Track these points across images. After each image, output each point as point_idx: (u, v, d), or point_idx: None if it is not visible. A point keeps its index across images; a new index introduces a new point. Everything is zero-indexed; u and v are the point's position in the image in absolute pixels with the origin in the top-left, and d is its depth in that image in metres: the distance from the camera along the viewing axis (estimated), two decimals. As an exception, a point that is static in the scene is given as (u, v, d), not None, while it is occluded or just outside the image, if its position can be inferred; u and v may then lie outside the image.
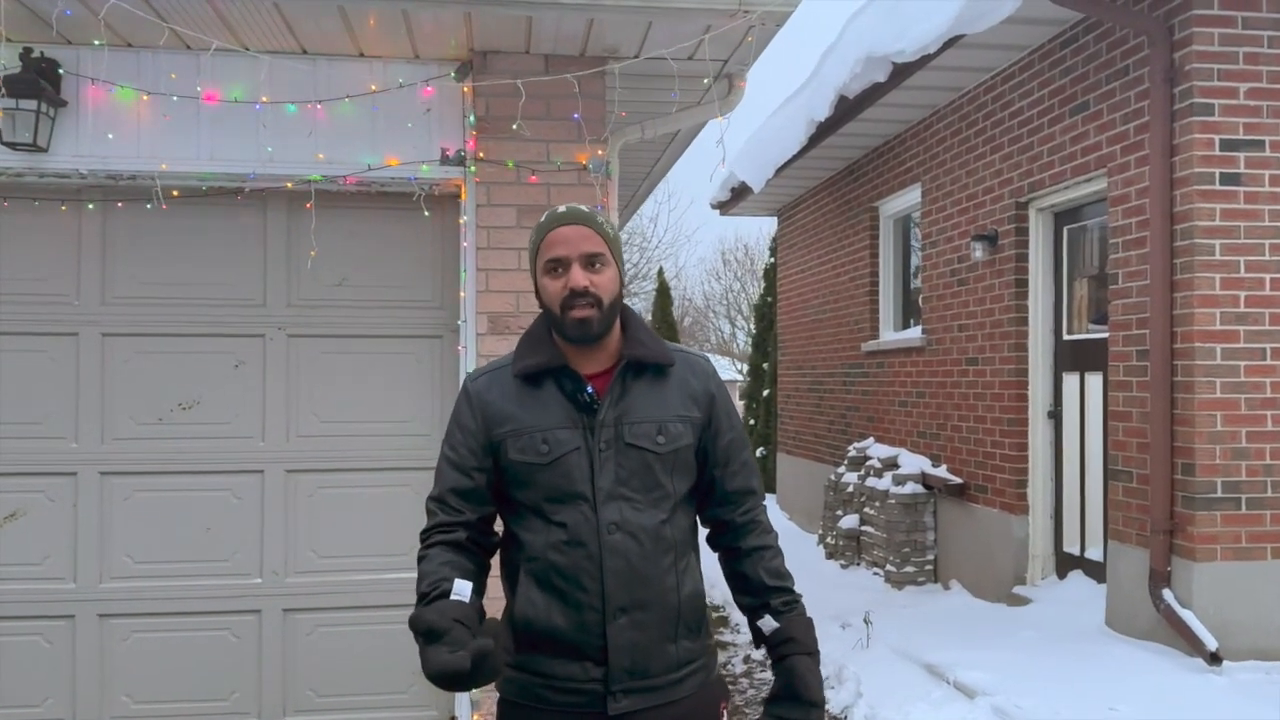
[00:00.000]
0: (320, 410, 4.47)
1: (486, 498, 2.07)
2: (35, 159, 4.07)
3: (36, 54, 4.00)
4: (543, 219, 2.07)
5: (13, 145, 3.96)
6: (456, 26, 4.00)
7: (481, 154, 4.23)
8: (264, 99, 4.18)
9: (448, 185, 4.36)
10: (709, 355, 2.27)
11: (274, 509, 4.45)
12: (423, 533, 2.07)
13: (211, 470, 4.43)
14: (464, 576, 1.96)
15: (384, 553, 4.46)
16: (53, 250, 4.32)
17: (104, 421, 4.36)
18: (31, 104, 3.91)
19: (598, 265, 2.01)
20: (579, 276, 1.98)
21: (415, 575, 2.01)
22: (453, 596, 1.91)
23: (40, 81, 3.92)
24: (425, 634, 1.79)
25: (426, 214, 4.41)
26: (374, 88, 4.24)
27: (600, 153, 4.18)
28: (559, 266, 2.00)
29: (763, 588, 2.08)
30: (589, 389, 2.03)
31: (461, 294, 4.33)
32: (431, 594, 1.92)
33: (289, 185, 4.27)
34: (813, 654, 2.04)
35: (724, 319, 30.66)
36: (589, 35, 4.05)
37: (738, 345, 27.76)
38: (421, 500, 4.53)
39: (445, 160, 4.29)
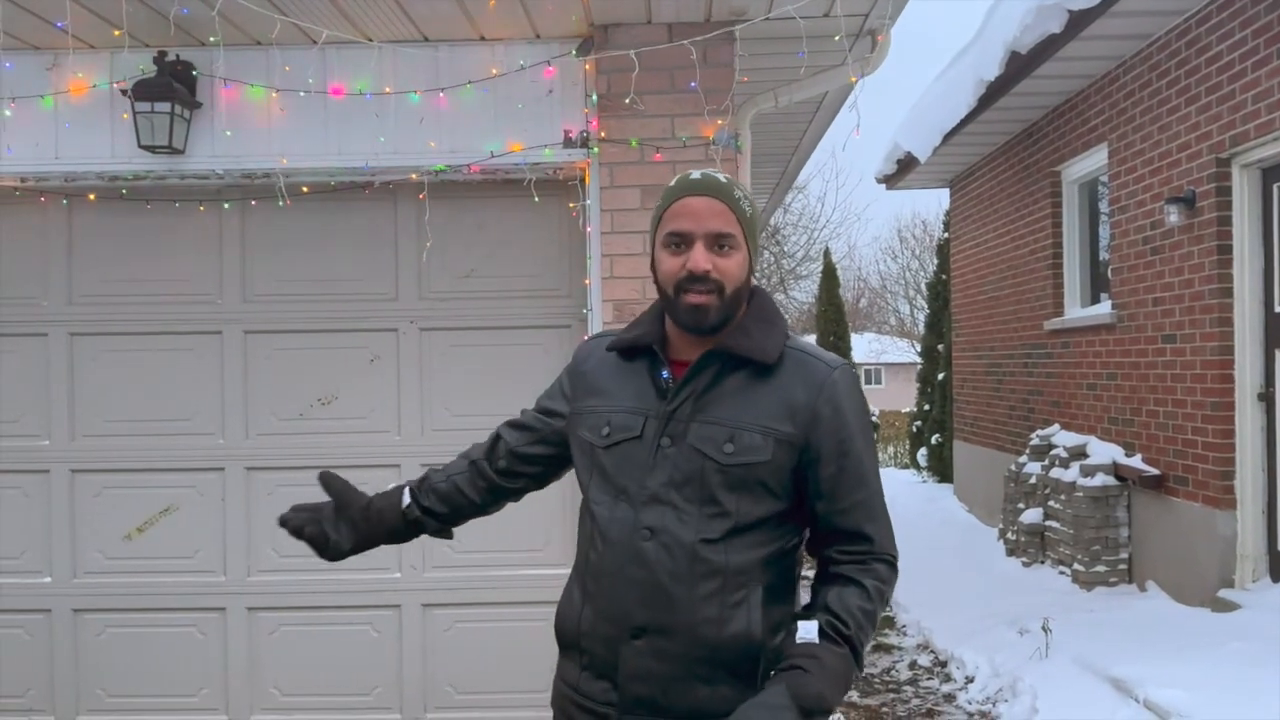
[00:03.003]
0: (452, 404, 4.40)
1: (532, 443, 2.01)
2: (174, 161, 4.15)
3: (172, 58, 4.07)
4: (672, 183, 1.82)
5: (151, 148, 4.04)
6: (573, 0, 3.80)
7: (604, 133, 4.03)
8: (387, 89, 4.12)
9: (572, 169, 4.18)
10: (846, 362, 1.92)
11: (411, 504, 4.40)
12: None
13: (350, 465, 4.37)
14: (444, 484, 2.05)
15: (521, 548, 4.33)
16: (195, 250, 4.42)
17: (248, 417, 4.43)
18: (165, 107, 3.97)
19: (725, 247, 1.75)
20: (701, 258, 1.72)
21: (553, 573, 1.97)
22: (400, 492, 2.09)
23: (173, 84, 3.98)
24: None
25: (537, 199, 4.25)
26: (495, 71, 4.11)
27: (720, 123, 3.89)
28: (681, 242, 1.75)
29: (824, 607, 1.71)
30: (664, 373, 1.80)
31: (586, 281, 4.15)
32: (400, 486, 2.10)
33: (414, 176, 4.19)
34: (823, 696, 1.60)
35: (902, 299, 29.62)
36: (713, -2, 3.78)
37: (918, 328, 26.75)
38: (558, 495, 4.40)
39: (568, 143, 4.11)
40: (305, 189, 4.28)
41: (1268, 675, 4.29)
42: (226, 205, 4.37)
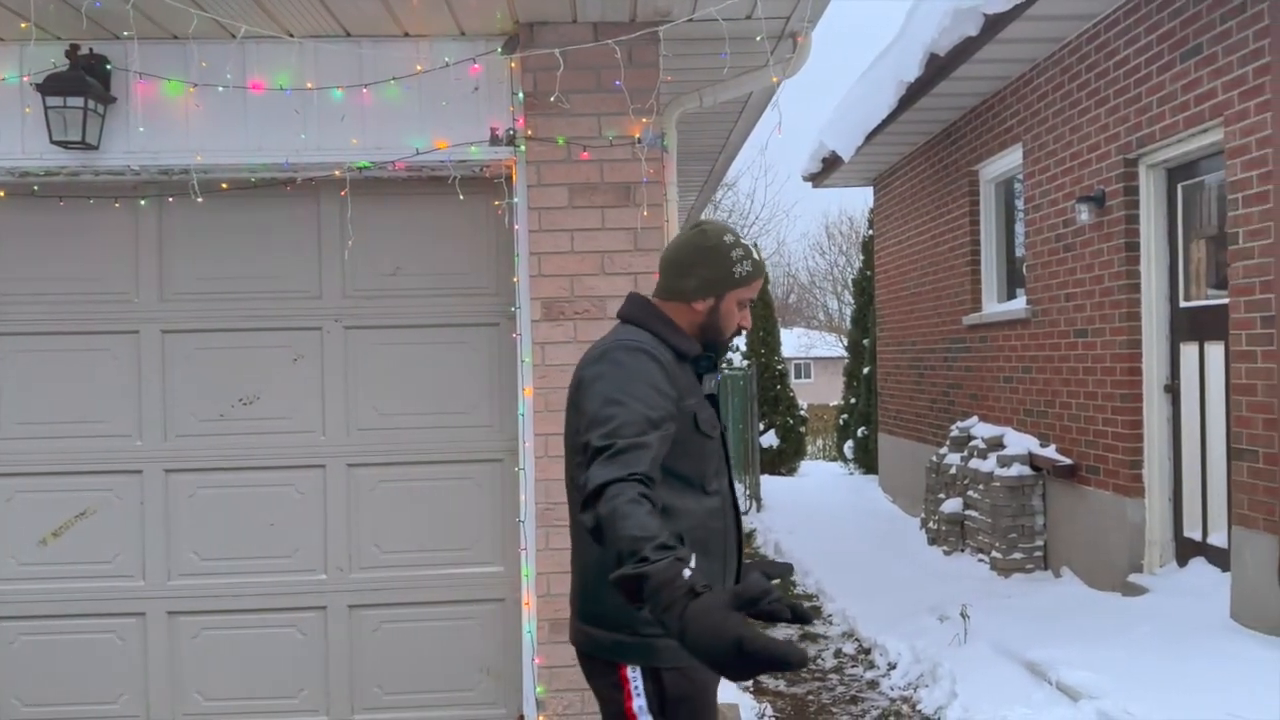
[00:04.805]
0: (379, 403, 4.36)
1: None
2: (88, 157, 4.05)
3: (85, 51, 3.97)
4: (756, 255, 2.28)
5: (64, 144, 3.94)
6: (498, -3, 3.81)
7: (530, 132, 4.04)
8: (309, 85, 4.07)
9: (498, 167, 4.18)
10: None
11: (336, 504, 4.37)
12: (624, 475, 1.79)
13: (273, 465, 4.38)
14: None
15: (448, 547, 4.33)
16: (111, 248, 4.31)
17: (167, 419, 4.34)
18: (78, 101, 3.87)
19: None
20: (750, 320, 2.36)
21: (480, 571, 1.99)
22: (687, 574, 1.61)
23: (86, 78, 3.88)
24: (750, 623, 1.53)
25: (461, 198, 4.25)
26: (419, 68, 4.09)
27: (646, 122, 3.93)
28: (749, 305, 2.32)
29: None
30: (719, 376, 2.37)
31: (515, 279, 4.15)
32: (675, 557, 1.62)
33: (337, 173, 4.15)
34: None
35: (830, 295, 30.07)
36: (637, -1, 3.81)
37: (845, 323, 27.18)
38: (486, 493, 4.41)
39: (495, 140, 4.11)
40: (224, 185, 4.21)
41: (1171, 655, 4.49)
42: (143, 202, 4.27)
